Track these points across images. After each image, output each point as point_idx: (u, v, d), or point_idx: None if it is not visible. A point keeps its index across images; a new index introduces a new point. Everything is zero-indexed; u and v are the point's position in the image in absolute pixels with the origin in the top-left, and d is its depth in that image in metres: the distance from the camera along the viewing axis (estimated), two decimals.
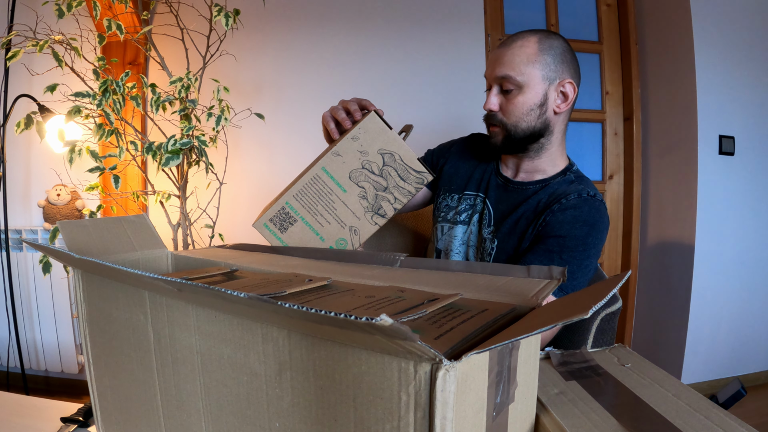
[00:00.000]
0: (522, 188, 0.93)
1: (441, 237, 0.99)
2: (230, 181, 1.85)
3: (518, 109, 0.86)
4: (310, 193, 0.73)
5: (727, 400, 0.67)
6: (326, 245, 0.74)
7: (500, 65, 0.86)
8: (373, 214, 0.73)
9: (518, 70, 0.84)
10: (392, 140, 0.74)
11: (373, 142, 0.73)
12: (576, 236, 0.82)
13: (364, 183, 0.73)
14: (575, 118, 2.18)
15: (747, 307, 2.04)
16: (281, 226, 0.74)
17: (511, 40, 0.87)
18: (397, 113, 2.00)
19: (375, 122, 0.74)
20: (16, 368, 1.84)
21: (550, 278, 0.43)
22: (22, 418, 0.64)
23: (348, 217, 0.73)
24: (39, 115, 1.48)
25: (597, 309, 0.25)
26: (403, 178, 0.73)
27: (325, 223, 0.73)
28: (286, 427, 0.32)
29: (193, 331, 0.38)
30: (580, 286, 0.83)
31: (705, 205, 1.92)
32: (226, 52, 1.73)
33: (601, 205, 0.86)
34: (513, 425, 0.35)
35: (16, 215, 1.87)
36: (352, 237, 0.73)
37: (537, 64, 0.85)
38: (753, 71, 1.97)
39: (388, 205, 0.73)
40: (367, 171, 0.73)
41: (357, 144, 0.73)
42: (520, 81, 0.85)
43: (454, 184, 1.01)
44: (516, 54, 0.85)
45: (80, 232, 0.56)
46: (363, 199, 0.73)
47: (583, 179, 0.91)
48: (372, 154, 0.73)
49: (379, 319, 0.20)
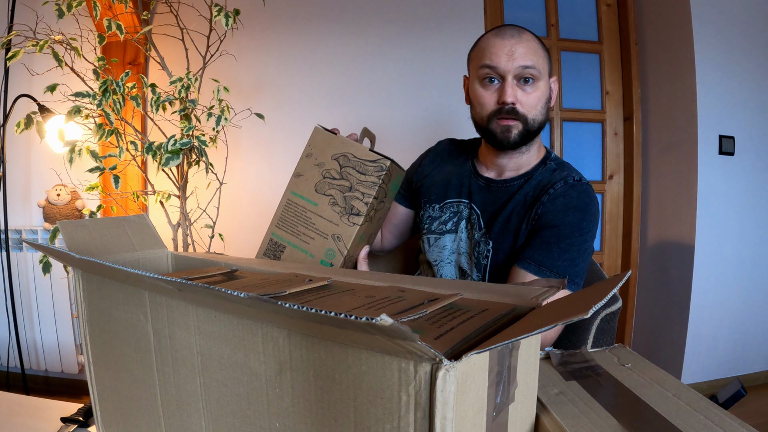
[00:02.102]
0: (506, 185, 0.91)
1: (429, 249, 0.97)
2: (230, 181, 1.85)
3: (538, 102, 0.85)
4: (288, 218, 0.79)
5: (727, 400, 0.67)
6: (317, 261, 0.77)
7: (520, 56, 0.82)
8: (348, 215, 0.75)
9: (536, 62, 0.84)
10: (340, 143, 0.78)
11: (324, 151, 0.78)
12: (570, 223, 0.82)
13: (330, 191, 0.77)
14: (575, 118, 2.18)
15: (747, 307, 2.04)
16: (274, 255, 0.79)
17: (517, 32, 0.85)
18: (397, 113, 2.00)
19: (319, 133, 0.80)
20: (16, 368, 1.84)
21: (550, 287, 0.43)
22: (22, 418, 0.64)
23: (327, 227, 0.76)
24: (39, 115, 1.48)
25: (597, 309, 0.25)
26: (363, 172, 0.76)
27: (309, 240, 0.77)
28: (286, 427, 0.32)
29: (193, 331, 0.38)
30: (582, 271, 0.84)
31: (705, 205, 1.92)
32: (226, 52, 1.73)
33: (588, 188, 0.86)
34: (513, 425, 0.35)
35: (16, 215, 1.87)
36: (336, 244, 0.75)
37: (543, 58, 0.85)
38: (753, 71, 1.97)
39: (358, 202, 0.75)
40: (329, 179, 0.77)
41: (312, 159, 0.79)
42: (539, 73, 0.84)
43: (434, 194, 0.99)
44: (530, 46, 0.84)
45: (80, 232, 0.56)
46: (334, 206, 0.76)
47: (564, 165, 0.91)
48: (328, 162, 0.77)
49: (379, 319, 0.20)
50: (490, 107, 0.86)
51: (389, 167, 0.75)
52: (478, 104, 0.88)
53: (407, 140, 1.97)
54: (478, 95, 0.88)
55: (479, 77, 0.87)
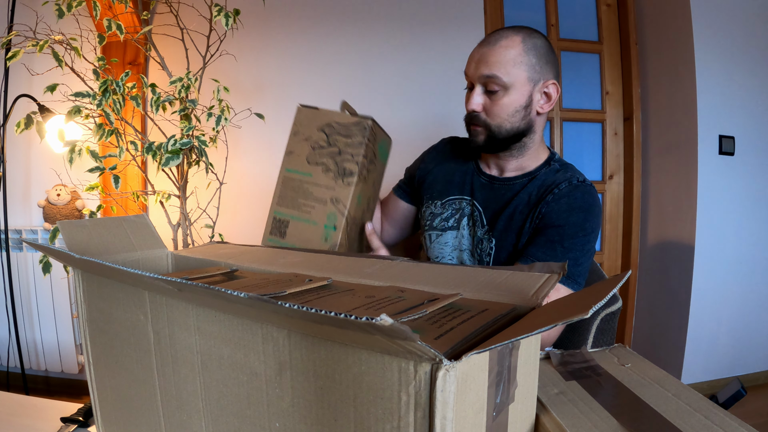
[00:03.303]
0: (509, 183, 0.92)
1: (431, 245, 0.98)
2: (230, 181, 1.85)
3: (504, 111, 0.85)
4: (287, 194, 0.81)
5: (727, 400, 0.68)
6: (321, 227, 0.79)
7: (485, 65, 0.83)
8: (342, 177, 0.78)
9: (504, 70, 0.82)
10: (323, 115, 0.81)
11: (309, 126, 0.81)
12: (574, 223, 0.83)
13: (321, 160, 0.80)
14: (575, 118, 2.18)
15: (747, 307, 2.04)
16: (280, 233, 0.81)
17: (495, 39, 0.84)
18: (397, 113, 2.00)
19: (302, 111, 0.83)
20: (16, 368, 1.84)
21: (550, 272, 0.43)
22: (22, 418, 0.64)
23: (324, 192, 0.79)
24: (39, 115, 1.48)
25: (597, 309, 0.25)
26: (348, 135, 0.79)
27: (310, 209, 0.79)
28: (286, 427, 0.32)
29: (193, 331, 0.38)
30: (584, 271, 0.85)
31: (705, 205, 1.92)
32: (226, 52, 1.72)
33: (591, 189, 0.87)
34: (513, 425, 0.35)
35: (16, 215, 1.87)
36: (336, 206, 0.78)
37: (522, 65, 0.83)
38: (753, 71, 1.96)
39: (349, 163, 0.78)
40: (319, 149, 0.80)
41: (300, 136, 0.82)
42: (506, 82, 0.83)
43: (435, 191, 0.99)
44: (501, 54, 0.82)
45: (80, 232, 0.56)
46: (327, 172, 0.79)
47: (568, 166, 0.92)
48: (314, 135, 0.81)
49: (379, 319, 0.20)
50: (466, 112, 0.90)
51: (371, 125, 0.78)
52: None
53: (407, 140, 1.97)
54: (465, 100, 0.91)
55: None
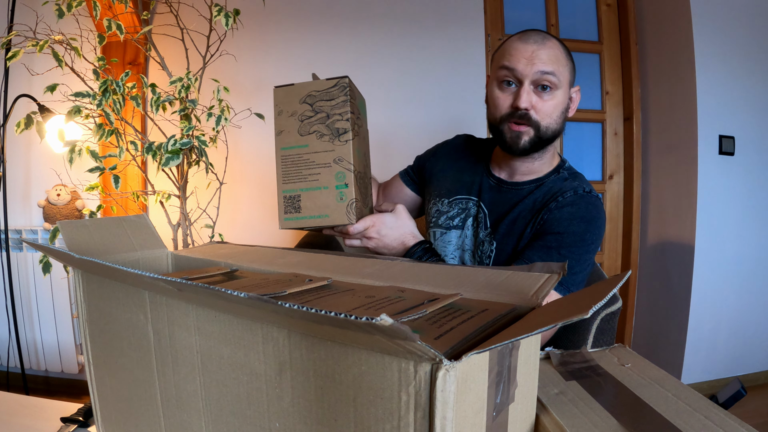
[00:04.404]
0: (517, 188, 0.92)
1: (434, 242, 0.98)
2: (230, 181, 1.85)
3: (554, 110, 0.85)
4: (289, 170, 0.82)
5: (727, 400, 0.68)
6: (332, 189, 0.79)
7: (541, 62, 0.81)
8: (337, 137, 0.79)
9: (557, 69, 0.82)
10: (300, 88, 0.81)
11: (291, 102, 0.82)
12: (574, 232, 0.82)
13: (312, 128, 0.80)
14: (575, 118, 2.18)
15: (747, 307, 2.03)
16: (295, 208, 0.81)
17: (541, 38, 0.83)
18: (397, 113, 2.00)
19: (280, 91, 0.83)
20: (16, 368, 1.84)
21: (550, 272, 0.43)
22: (22, 418, 0.64)
23: (325, 156, 0.79)
24: (39, 115, 1.48)
25: (597, 309, 0.25)
26: (330, 98, 0.80)
27: (317, 176, 0.80)
28: (286, 427, 0.32)
29: (193, 331, 0.38)
30: (579, 281, 0.84)
31: (705, 205, 1.92)
32: (226, 52, 1.72)
33: (597, 201, 0.86)
34: (513, 425, 0.35)
35: (16, 215, 1.87)
36: (342, 164, 0.79)
37: (566, 67, 0.84)
38: (753, 71, 1.96)
39: (340, 122, 0.79)
40: (307, 120, 0.81)
41: (285, 114, 0.83)
42: (559, 81, 0.83)
43: (444, 189, 0.99)
44: (553, 53, 0.82)
45: (80, 232, 0.56)
46: (322, 137, 0.80)
47: (577, 176, 0.91)
48: (299, 108, 0.81)
49: (379, 319, 0.20)
50: (503, 110, 0.86)
51: (349, 82, 0.79)
52: (493, 105, 0.88)
53: (407, 140, 1.97)
54: (495, 96, 0.87)
55: (498, 78, 0.87)
